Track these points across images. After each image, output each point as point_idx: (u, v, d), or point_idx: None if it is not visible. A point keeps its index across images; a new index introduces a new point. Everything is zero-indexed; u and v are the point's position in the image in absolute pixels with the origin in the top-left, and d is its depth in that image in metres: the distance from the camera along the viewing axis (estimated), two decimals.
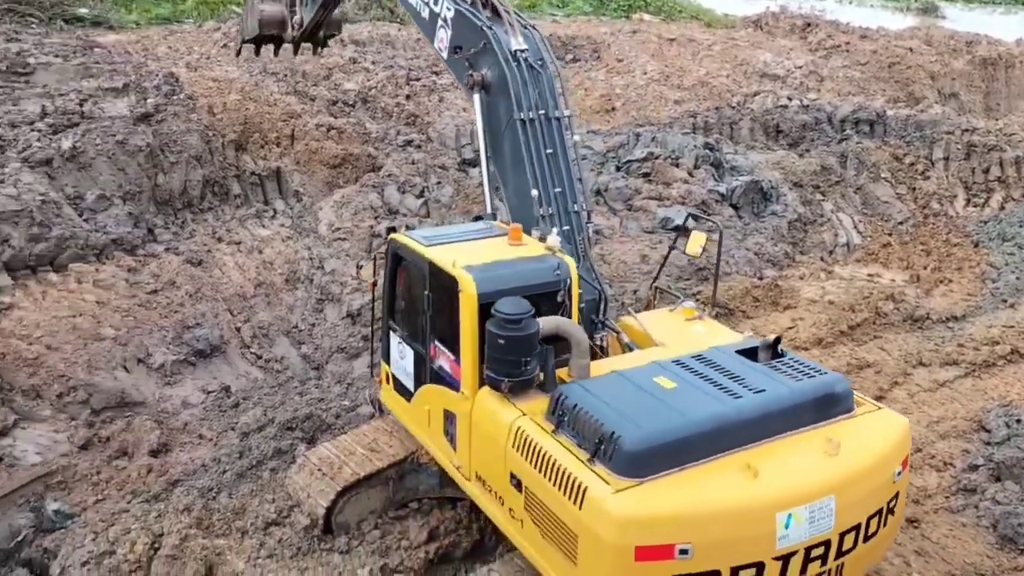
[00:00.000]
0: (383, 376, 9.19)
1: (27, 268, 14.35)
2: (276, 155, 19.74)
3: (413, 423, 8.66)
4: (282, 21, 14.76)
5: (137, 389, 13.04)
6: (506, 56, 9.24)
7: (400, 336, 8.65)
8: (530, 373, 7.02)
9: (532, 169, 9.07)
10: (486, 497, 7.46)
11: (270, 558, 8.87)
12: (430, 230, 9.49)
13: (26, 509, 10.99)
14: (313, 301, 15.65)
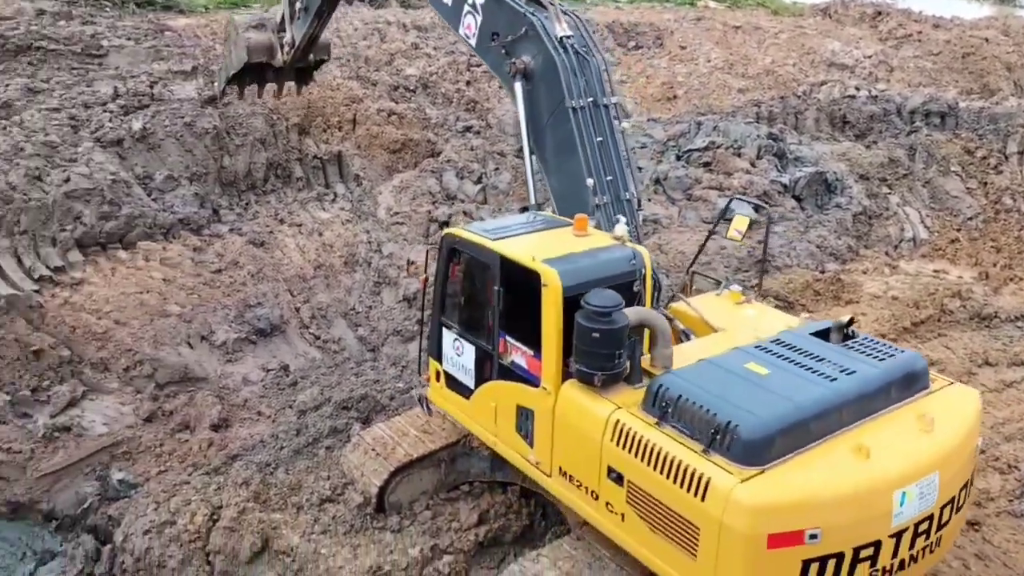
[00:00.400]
0: (431, 374, 8.99)
1: (97, 245, 14.82)
2: (338, 139, 20.00)
3: (473, 420, 8.46)
4: (270, 47, 14.33)
5: (200, 365, 13.41)
6: (553, 43, 9.09)
7: (457, 332, 8.42)
8: (621, 366, 6.97)
9: (585, 157, 8.99)
10: (573, 492, 7.31)
11: (324, 534, 9.05)
12: (486, 224, 9.13)
13: (92, 478, 11.42)
14: (370, 284, 15.85)
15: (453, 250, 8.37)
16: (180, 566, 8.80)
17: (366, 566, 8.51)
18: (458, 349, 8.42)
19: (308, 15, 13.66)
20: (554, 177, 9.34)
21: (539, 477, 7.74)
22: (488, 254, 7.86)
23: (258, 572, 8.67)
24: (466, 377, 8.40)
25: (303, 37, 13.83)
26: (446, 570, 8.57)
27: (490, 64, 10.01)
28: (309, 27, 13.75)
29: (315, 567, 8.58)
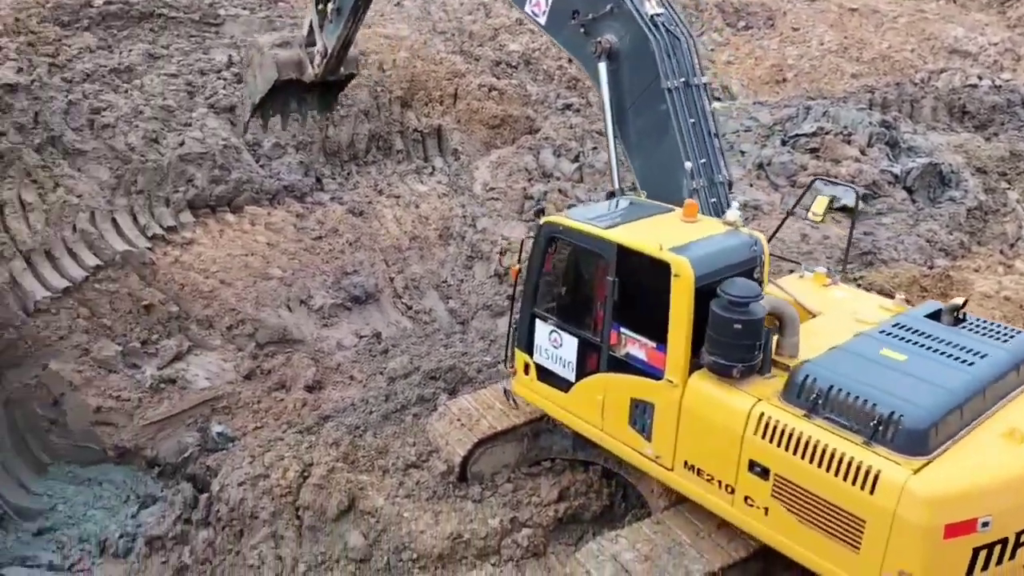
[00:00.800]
0: (519, 366, 8.68)
1: (207, 207, 15.45)
2: (438, 113, 20.21)
3: (572, 414, 8.22)
4: (299, 62, 13.27)
5: (298, 328, 13.87)
6: (644, 21, 8.74)
7: (554, 324, 8.14)
8: (758, 357, 6.85)
9: (681, 140, 8.77)
10: (701, 486, 7.16)
11: (407, 498, 9.26)
12: (584, 211, 8.75)
13: (194, 429, 12.01)
14: (463, 258, 16.03)
15: (552, 239, 8.07)
16: (271, 518, 9.15)
17: (446, 532, 8.66)
18: (555, 341, 8.17)
19: (342, 16, 12.62)
20: (641, 161, 9.05)
21: (656, 471, 7.58)
22: (601, 243, 7.56)
23: (343, 530, 8.94)
24: (564, 370, 8.13)
25: (338, 41, 12.82)
26: (524, 543, 8.64)
27: (564, 43, 9.63)
28: (344, 28, 12.73)
29: (397, 529, 8.79)
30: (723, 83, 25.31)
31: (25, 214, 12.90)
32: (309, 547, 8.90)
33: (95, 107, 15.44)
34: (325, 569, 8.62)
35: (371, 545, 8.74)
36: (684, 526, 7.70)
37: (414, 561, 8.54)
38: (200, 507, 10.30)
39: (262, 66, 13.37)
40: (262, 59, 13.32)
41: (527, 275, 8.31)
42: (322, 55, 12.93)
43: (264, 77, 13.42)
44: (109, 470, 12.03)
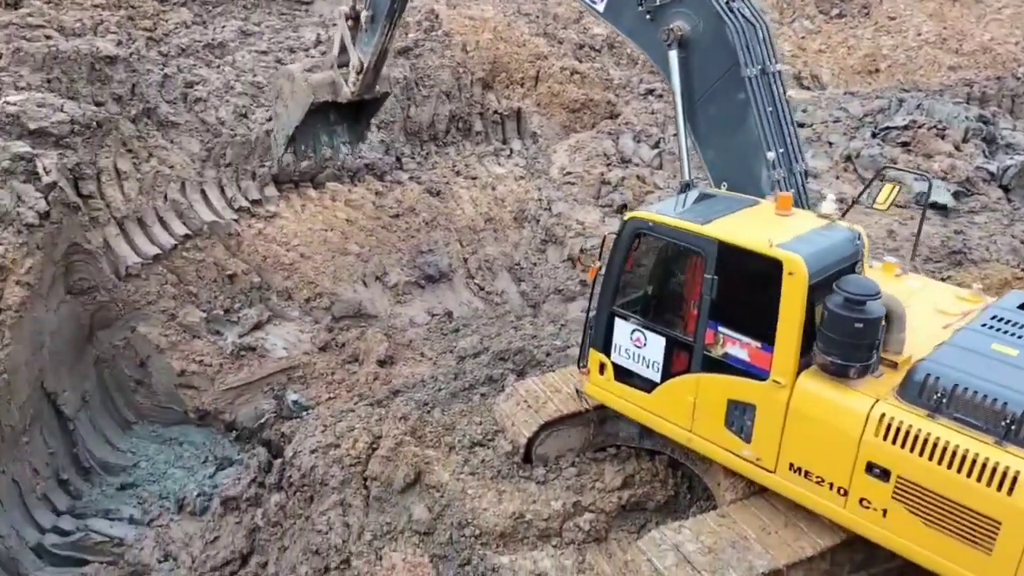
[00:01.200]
0: (593, 366, 8.44)
1: (291, 183, 15.84)
2: (519, 95, 20.22)
3: (656, 415, 8.00)
4: (333, 82, 12.69)
5: (372, 303, 14.14)
6: (721, 7, 8.45)
7: (638, 323, 7.89)
8: (875, 356, 6.70)
9: (761, 129, 8.53)
10: (809, 488, 7.00)
11: (472, 475, 9.37)
12: (666, 205, 8.33)
13: (270, 396, 12.39)
14: (537, 241, 16.06)
15: (637, 235, 7.79)
16: (340, 486, 9.38)
17: (509, 511, 8.74)
18: (638, 341, 7.92)
19: (376, 23, 11.95)
20: (714, 152, 8.76)
21: (755, 473, 7.45)
22: (700, 240, 7.31)
23: (409, 502, 9.10)
24: (648, 370, 7.90)
25: (374, 51, 12.13)
26: (586, 527, 8.66)
27: (627, 32, 9.26)
28: (380, 36, 12.04)
29: (461, 505, 8.91)
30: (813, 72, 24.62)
31: (120, 182, 13.44)
32: (375, 517, 9.09)
33: (189, 81, 15.95)
34: (390, 539, 8.80)
35: (435, 519, 8.88)
36: (750, 521, 7.59)
37: (476, 537, 8.64)
38: (273, 472, 10.62)
39: (294, 93, 12.92)
40: (294, 86, 12.86)
41: (608, 272, 7.99)
42: (357, 70, 12.39)
43: (298, 104, 12.96)
44: (190, 431, 12.52)
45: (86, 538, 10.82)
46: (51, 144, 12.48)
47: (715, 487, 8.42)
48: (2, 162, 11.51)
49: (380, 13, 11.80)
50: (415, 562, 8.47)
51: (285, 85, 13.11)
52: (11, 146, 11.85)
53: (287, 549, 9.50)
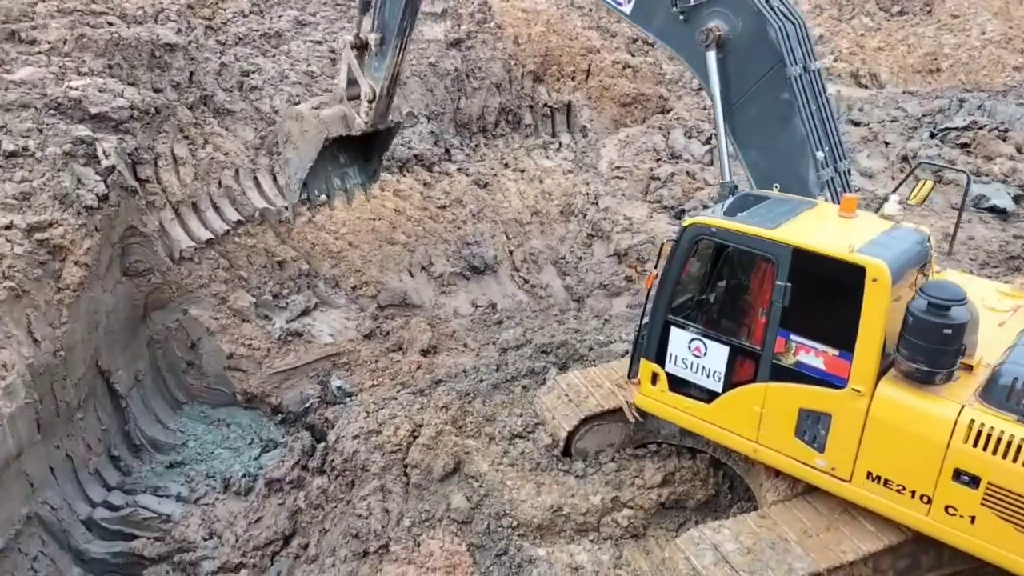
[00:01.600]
0: (644, 377, 8.21)
1: None
2: (570, 89, 20.16)
3: (715, 425, 7.84)
4: (344, 116, 12.10)
5: (417, 293, 14.26)
6: (762, 6, 8.22)
7: (697, 332, 7.70)
8: (958, 361, 6.56)
9: (808, 129, 8.24)
10: (888, 496, 6.95)
11: (511, 467, 9.41)
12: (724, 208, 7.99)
13: (315, 381, 12.58)
14: (583, 235, 16.02)
15: (698, 241, 7.60)
16: (381, 472, 9.50)
17: (547, 504, 8.77)
18: (697, 350, 7.72)
19: (387, 45, 11.44)
20: (757, 153, 8.54)
21: (827, 483, 7.34)
22: (771, 245, 7.11)
23: (448, 490, 9.18)
24: (708, 380, 7.72)
25: (387, 74, 11.60)
26: (624, 523, 8.65)
27: (658, 34, 9.00)
28: (392, 57, 11.51)
29: (499, 496, 8.96)
30: (871, 70, 24.11)
31: (176, 167, 13.73)
32: (414, 504, 9.19)
33: (245, 70, 16.21)
34: (428, 526, 8.89)
35: (473, 508, 8.95)
36: (791, 523, 7.52)
37: (514, 528, 8.69)
38: (317, 455, 10.80)
39: (305, 132, 12.23)
40: (303, 126, 12.20)
41: (664, 280, 7.75)
42: (369, 99, 11.84)
43: (310, 143, 12.26)
44: (237, 413, 12.78)
45: (135, 513, 11.12)
46: (111, 129, 12.80)
47: (756, 488, 8.35)
48: (64, 145, 11.84)
49: (390, 33, 11.32)
50: (453, 550, 8.55)
51: (293, 127, 12.37)
52: (73, 130, 12.19)
53: (328, 532, 9.66)
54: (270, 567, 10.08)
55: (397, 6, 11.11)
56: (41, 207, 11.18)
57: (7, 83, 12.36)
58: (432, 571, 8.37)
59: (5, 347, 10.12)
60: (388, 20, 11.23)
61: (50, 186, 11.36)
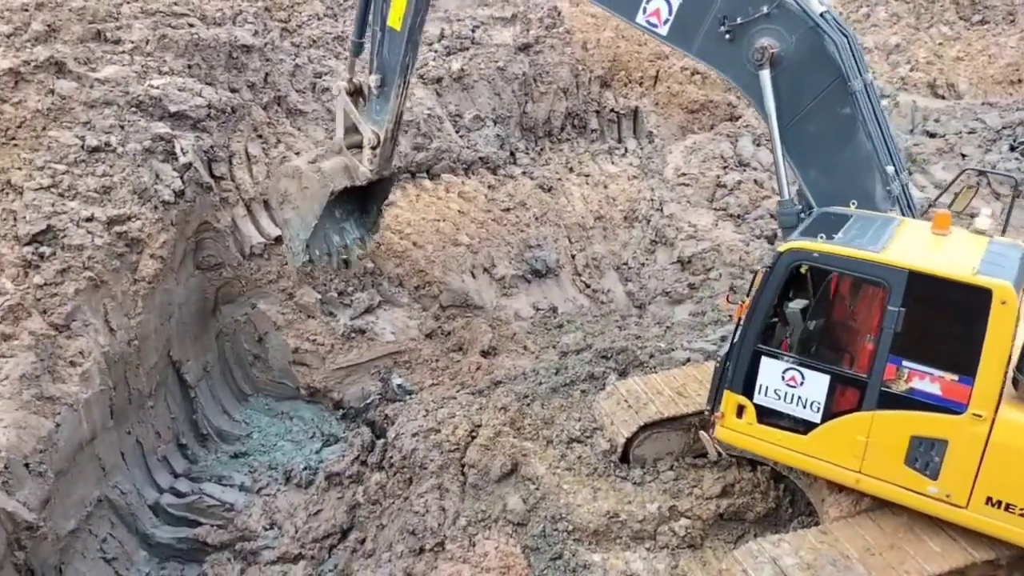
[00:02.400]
0: (728, 409, 7.95)
1: (408, 172, 16.22)
2: (637, 94, 20.05)
3: (811, 456, 7.65)
4: (346, 167, 11.34)
5: (479, 294, 14.35)
6: (816, 21, 7.93)
7: (794, 361, 7.50)
8: None
9: (874, 143, 7.99)
10: (1011, 522, 6.88)
11: (568, 471, 9.42)
12: (813, 231, 7.61)
13: (376, 378, 12.76)
14: (647, 242, 15.92)
15: (796, 267, 7.38)
16: (438, 470, 9.60)
17: (603, 510, 8.75)
18: (792, 380, 7.49)
19: (389, 86, 10.69)
20: (817, 171, 8.27)
21: (942, 510, 7.20)
22: (883, 270, 6.90)
23: (504, 491, 9.23)
24: (804, 411, 7.52)
25: (391, 116, 10.91)
26: (681, 532, 8.58)
27: (701, 55, 8.65)
28: (396, 99, 10.81)
29: (555, 499, 8.98)
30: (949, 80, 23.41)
31: (249, 165, 14.10)
32: (471, 503, 9.26)
33: (318, 71, 16.55)
34: (484, 527, 8.95)
35: (529, 510, 8.98)
36: (854, 540, 7.38)
37: (569, 532, 8.70)
38: (376, 451, 10.96)
39: (305, 190, 11.42)
40: (304, 181, 11.40)
41: (757, 307, 7.49)
42: (373, 145, 11.12)
43: (313, 200, 11.45)
44: (300, 407, 13.04)
45: (199, 501, 11.43)
46: (189, 127, 13.22)
47: (818, 503, 8.20)
48: (144, 142, 12.27)
49: (391, 73, 10.60)
50: (507, 551, 8.59)
51: (291, 185, 11.53)
52: (153, 127, 12.63)
53: (385, 527, 9.80)
54: (327, 559, 10.27)
55: (397, 43, 10.40)
56: (121, 201, 11.60)
57: (92, 81, 12.86)
58: (486, 571, 8.43)
59: (83, 335, 10.53)
60: (388, 60, 10.52)
61: (130, 181, 11.79)
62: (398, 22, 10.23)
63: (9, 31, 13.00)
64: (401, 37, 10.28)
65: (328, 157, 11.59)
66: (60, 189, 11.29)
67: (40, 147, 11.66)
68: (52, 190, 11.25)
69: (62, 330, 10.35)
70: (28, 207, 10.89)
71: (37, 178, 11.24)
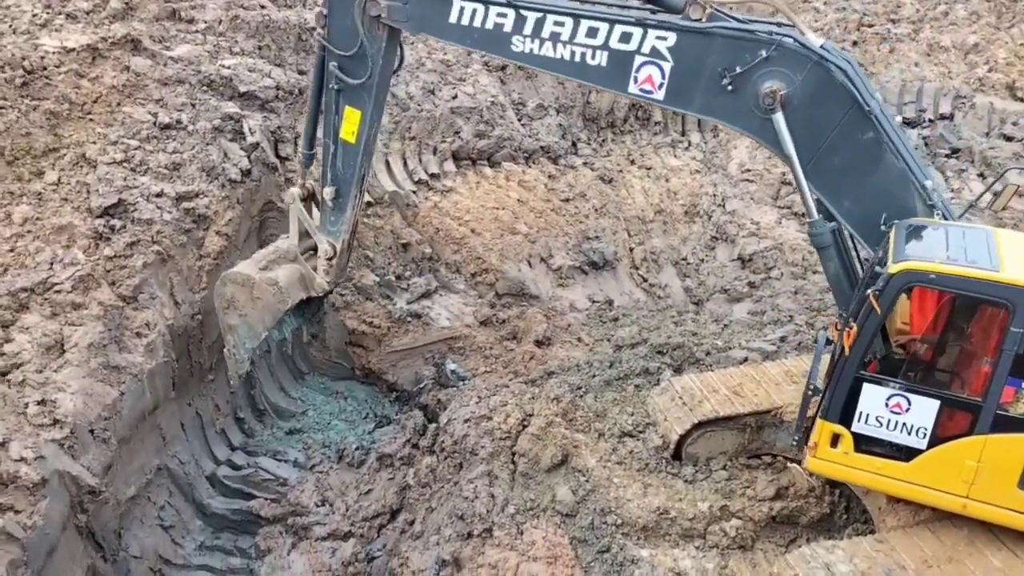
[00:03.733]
0: (821, 439, 7.65)
1: (469, 160, 16.28)
2: None
3: (915, 484, 7.46)
4: (302, 276, 10.85)
5: (535, 284, 14.34)
6: (820, 55, 7.74)
7: (899, 387, 7.26)
8: None
9: (903, 160, 7.81)
10: None
11: (619, 464, 9.37)
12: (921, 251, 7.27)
13: (430, 363, 12.85)
14: (707, 237, 15.71)
15: (911, 290, 7.17)
16: (489, 457, 9.64)
17: (653, 505, 8.69)
18: (896, 407, 7.29)
19: (344, 197, 10.28)
20: (851, 200, 8.07)
21: None
22: (1004, 290, 6.69)
23: (554, 482, 9.22)
24: (910, 437, 7.32)
25: (347, 227, 10.50)
26: (732, 533, 8.47)
27: (703, 110, 8.41)
28: (351, 209, 10.40)
29: (606, 492, 8.94)
30: None
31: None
32: (520, 491, 9.28)
33: None
34: (532, 515, 8.96)
35: (578, 502, 8.96)
36: (911, 551, 7.21)
37: (618, 526, 8.66)
38: (428, 435, 11.05)
39: (256, 300, 10.65)
40: (254, 291, 10.63)
41: (864, 334, 7.16)
42: (328, 256, 10.68)
43: (265, 311, 10.73)
44: (355, 387, 13.21)
45: (255, 474, 11.66)
46: (257, 107, 13.45)
47: (875, 511, 8.03)
48: (214, 120, 12.52)
49: (347, 184, 10.21)
50: (555, 541, 8.59)
51: (238, 292, 10.74)
52: (223, 106, 12.88)
53: (434, 510, 9.88)
54: (376, 538, 10.40)
55: (352, 156, 10.02)
56: (189, 178, 11.87)
57: (166, 59, 13.17)
58: (533, 560, 8.45)
59: (149, 307, 10.80)
60: (342, 172, 10.18)
61: (199, 159, 12.05)
62: (352, 136, 9.96)
63: (88, 7, 13.38)
64: (356, 150, 9.98)
65: (280, 263, 10.97)
66: (132, 164, 11.59)
67: (114, 122, 11.98)
68: (124, 165, 11.55)
69: (130, 302, 10.63)
70: (101, 180, 11.20)
71: (111, 152, 11.56)
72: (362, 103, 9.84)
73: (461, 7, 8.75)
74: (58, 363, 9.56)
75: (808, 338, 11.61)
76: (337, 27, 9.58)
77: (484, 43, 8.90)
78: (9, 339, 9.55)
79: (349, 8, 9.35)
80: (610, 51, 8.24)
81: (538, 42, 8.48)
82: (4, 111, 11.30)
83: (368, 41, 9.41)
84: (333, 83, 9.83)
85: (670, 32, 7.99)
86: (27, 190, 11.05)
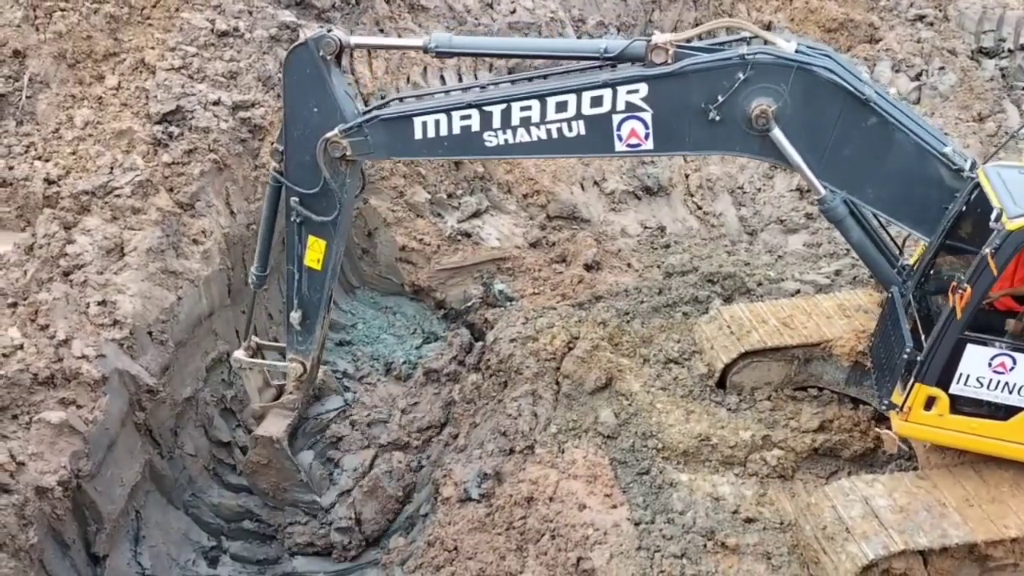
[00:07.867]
0: (916, 402, 7.49)
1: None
2: (772, 8, 18.95)
3: (1011, 442, 7.44)
4: (276, 415, 10.35)
5: (587, 207, 14.20)
6: (795, 59, 7.52)
7: (1007, 347, 7.13)
8: None
9: (914, 134, 7.62)
10: None
11: (663, 390, 9.41)
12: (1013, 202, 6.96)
13: (479, 282, 12.91)
14: (765, 167, 15.30)
15: None
16: (533, 377, 9.75)
17: (695, 432, 8.74)
18: (1001, 366, 7.21)
19: (313, 317, 9.72)
20: (874, 188, 7.90)
21: None
22: None
23: (597, 404, 9.32)
24: (1011, 396, 7.28)
25: (318, 342, 10.02)
26: (773, 462, 8.51)
27: (695, 147, 8.24)
28: (321, 328, 9.92)
29: (647, 417, 9.01)
30: None
31: (370, 59, 14.12)
32: (563, 412, 9.40)
33: None
34: (574, 435, 9.09)
35: (620, 425, 9.06)
36: (952, 489, 7.18)
37: (658, 451, 8.75)
38: (474, 353, 11.20)
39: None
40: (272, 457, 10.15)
41: (977, 295, 6.98)
42: (299, 375, 10.09)
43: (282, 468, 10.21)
44: (403, 303, 13.37)
45: None
46: (313, 16, 13.31)
47: (920, 448, 7.97)
48: (270, 29, 12.44)
49: (315, 307, 9.75)
50: (595, 461, 8.72)
51: None
52: (279, 15, 12.77)
53: (477, 426, 10.07)
54: (425, 450, 10.67)
55: (318, 282, 9.51)
56: (246, 87, 11.88)
57: None
58: (573, 477, 8.60)
59: (205, 215, 10.99)
60: (309, 297, 9.72)
61: (255, 68, 12.03)
62: (317, 263, 9.42)
63: None
64: (322, 277, 9.50)
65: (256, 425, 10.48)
66: (190, 71, 11.62)
67: (173, 28, 11.98)
68: (183, 71, 11.59)
69: (187, 209, 10.82)
70: (159, 87, 11.28)
71: (169, 59, 11.59)
72: (327, 234, 9.22)
73: (423, 122, 8.23)
74: (118, 266, 9.83)
75: (864, 272, 11.34)
76: (295, 163, 8.79)
77: (457, 149, 8.46)
78: (71, 240, 9.82)
79: (308, 145, 8.63)
80: (585, 119, 7.87)
81: (511, 132, 8.04)
82: (66, 13, 11.36)
83: (332, 177, 8.70)
84: (294, 216, 9.08)
85: (640, 83, 7.67)
86: (88, 94, 11.18)
